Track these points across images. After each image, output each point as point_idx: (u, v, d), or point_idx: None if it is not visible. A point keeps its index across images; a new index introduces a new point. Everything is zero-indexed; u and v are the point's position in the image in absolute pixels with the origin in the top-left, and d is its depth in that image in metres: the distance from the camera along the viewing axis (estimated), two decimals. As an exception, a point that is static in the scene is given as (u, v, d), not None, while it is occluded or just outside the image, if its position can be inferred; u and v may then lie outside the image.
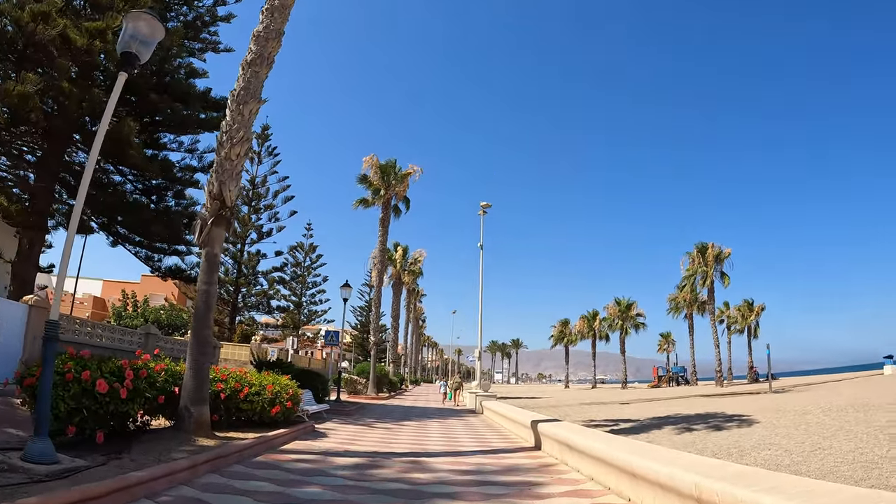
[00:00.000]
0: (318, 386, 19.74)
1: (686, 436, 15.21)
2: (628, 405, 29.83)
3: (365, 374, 35.77)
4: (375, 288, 37.77)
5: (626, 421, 20.12)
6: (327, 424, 16.01)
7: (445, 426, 17.49)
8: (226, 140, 11.43)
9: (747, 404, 25.47)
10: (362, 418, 18.91)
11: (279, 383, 12.66)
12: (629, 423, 19.45)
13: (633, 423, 18.94)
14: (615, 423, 19.10)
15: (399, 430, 15.40)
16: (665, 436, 15.41)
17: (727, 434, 15.02)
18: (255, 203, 50.13)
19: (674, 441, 14.06)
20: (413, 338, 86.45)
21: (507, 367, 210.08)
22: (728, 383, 58.26)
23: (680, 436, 15.32)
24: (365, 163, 39.58)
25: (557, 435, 10.47)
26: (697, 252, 62.00)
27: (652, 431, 16.42)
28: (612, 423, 19.15)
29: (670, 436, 15.42)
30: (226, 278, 46.51)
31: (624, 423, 19.49)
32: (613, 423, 19.13)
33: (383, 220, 38.27)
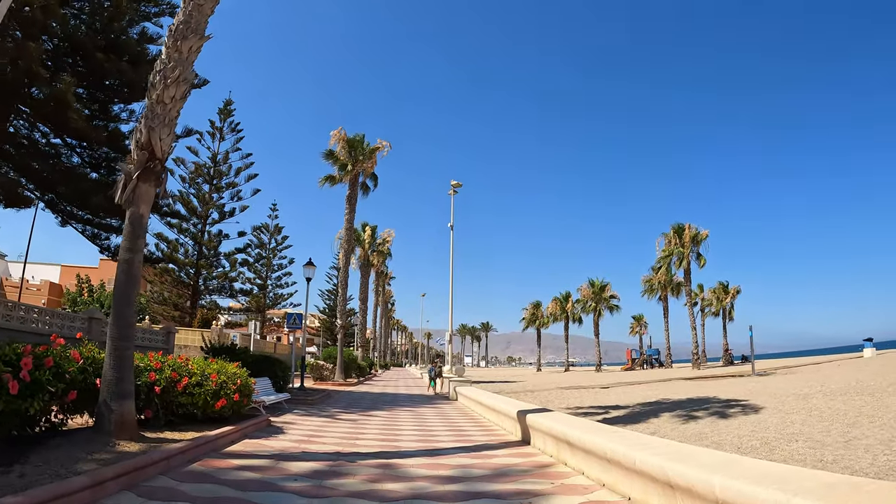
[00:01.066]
0: (277, 373, 17.95)
1: (692, 425, 13.68)
2: (609, 389, 28.46)
3: (332, 359, 33.94)
4: (342, 269, 35.84)
5: (615, 407, 18.57)
6: (287, 417, 14.25)
7: (418, 416, 15.81)
8: (159, 80, 9.48)
9: (736, 388, 24.24)
10: (327, 408, 17.16)
11: (225, 372, 10.82)
12: (619, 409, 17.90)
13: (625, 410, 17.37)
14: (605, 411, 17.53)
15: (367, 423, 13.66)
16: (667, 425, 13.90)
17: (737, 423, 13.54)
18: (217, 181, 47.85)
19: (683, 433, 12.48)
20: (382, 321, 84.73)
21: (476, 351, 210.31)
22: (704, 366, 57.32)
23: (685, 425, 13.81)
24: (332, 137, 37.53)
25: (553, 429, 8.86)
26: (674, 233, 60.70)
27: (650, 420, 14.89)
28: (602, 411, 17.58)
29: (674, 425, 13.92)
30: (186, 260, 44.30)
31: (614, 409, 17.94)
32: (603, 411, 17.56)
33: (350, 197, 36.32)
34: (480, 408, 16.15)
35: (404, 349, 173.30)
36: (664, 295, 69.13)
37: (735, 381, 29.09)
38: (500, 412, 13.05)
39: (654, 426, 13.70)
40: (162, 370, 9.94)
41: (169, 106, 9.49)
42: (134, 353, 9.10)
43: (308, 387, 25.84)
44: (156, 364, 10.03)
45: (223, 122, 49.57)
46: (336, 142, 37.43)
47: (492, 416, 14.25)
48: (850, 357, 52.51)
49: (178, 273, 44.99)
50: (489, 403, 14.50)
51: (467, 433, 12.22)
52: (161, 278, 45.09)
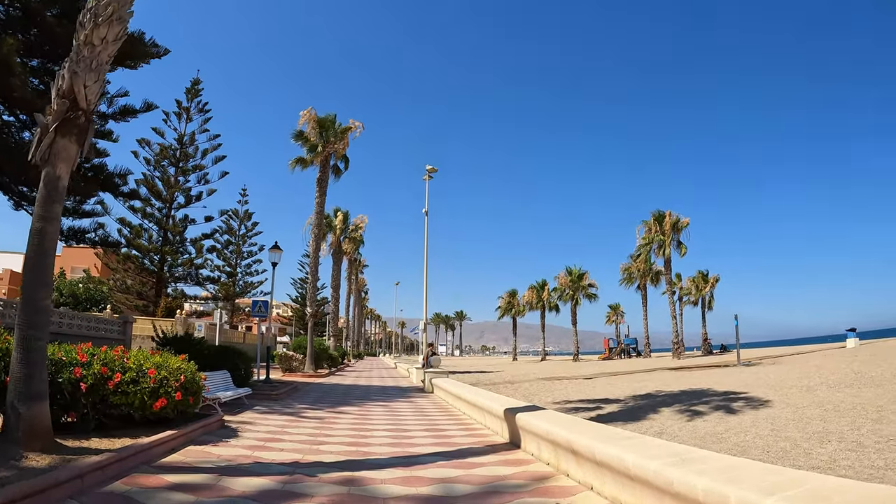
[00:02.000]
0: (239, 365, 16.42)
1: (700, 423, 12.40)
2: (593, 380, 27.28)
3: (302, 349, 32.38)
4: (312, 254, 34.17)
5: (606, 401, 17.24)
6: (246, 415, 12.80)
7: (392, 413, 14.41)
8: (88, 19, 7.84)
9: (727, 379, 23.26)
10: (292, 403, 15.69)
11: (168, 366, 9.31)
12: (612, 404, 16.58)
13: (619, 405, 16.03)
14: (597, 406, 16.18)
15: (335, 422, 12.22)
16: (672, 423, 12.60)
17: (748, 419, 12.33)
18: (183, 163, 45.87)
19: (693, 432, 11.12)
20: (355, 310, 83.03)
21: (450, 340, 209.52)
22: (683, 356, 56.52)
23: (692, 423, 12.54)
24: (302, 117, 35.74)
25: (552, 434, 7.53)
26: (654, 220, 59.45)
27: (650, 417, 13.59)
28: (593, 405, 16.25)
29: (679, 423, 12.64)
30: (149, 246, 42.29)
31: (606, 404, 16.61)
32: (594, 406, 16.23)
33: (321, 179, 34.63)
34: (460, 403, 14.81)
35: (378, 338, 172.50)
36: (643, 283, 68.31)
37: (723, 372, 28.10)
38: (483, 409, 11.69)
39: (658, 424, 12.41)
40: (90, 364, 8.44)
41: (98, 49, 7.89)
42: (48, 344, 7.55)
43: (276, 379, 24.37)
44: (82, 357, 8.51)
45: (190, 102, 47.57)
46: (306, 122, 35.69)
47: (474, 413, 12.92)
48: (833, 347, 52.26)
49: (141, 260, 43.01)
50: (471, 399, 13.11)
51: (447, 434, 10.86)
52: (124, 265, 42.98)
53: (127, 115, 27.83)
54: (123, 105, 27.70)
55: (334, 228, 54.85)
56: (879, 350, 35.12)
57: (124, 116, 27.86)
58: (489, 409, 11.10)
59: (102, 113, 27.56)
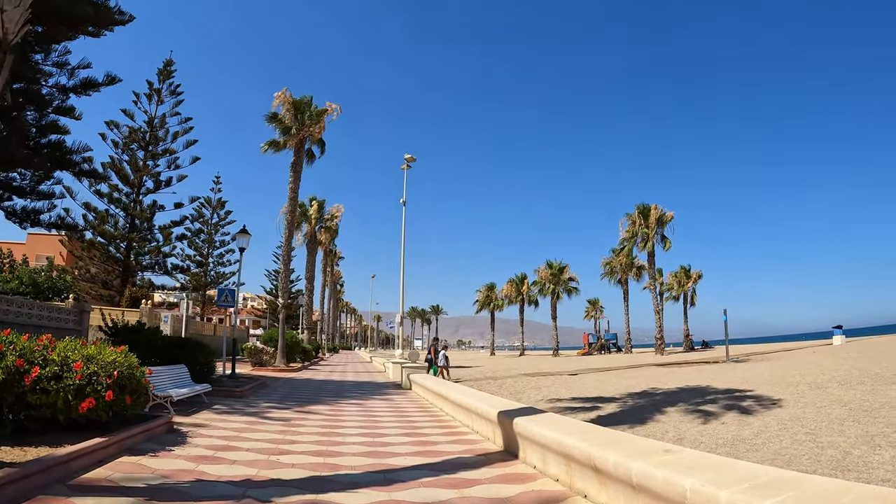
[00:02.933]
0: (199, 359, 14.93)
1: (718, 427, 10.96)
2: (580, 376, 26.03)
3: (273, 342, 30.77)
4: (285, 242, 32.55)
5: (600, 400, 15.83)
6: (202, 415, 11.34)
7: (367, 413, 13.00)
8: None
9: (723, 375, 22.18)
10: (256, 402, 14.21)
11: (99, 360, 7.82)
12: (608, 403, 15.17)
13: (617, 405, 14.57)
14: (592, 405, 14.75)
15: (302, 424, 10.78)
16: (687, 426, 11.19)
17: (771, 421, 10.97)
18: (153, 147, 43.87)
19: (715, 438, 9.63)
20: (331, 303, 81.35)
21: (426, 334, 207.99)
22: (666, 351, 55.53)
23: (708, 426, 11.17)
24: (276, 99, 34.11)
25: (564, 445, 6.22)
26: (639, 213, 58.10)
27: (657, 418, 12.19)
28: (588, 405, 14.86)
29: (694, 426, 11.27)
30: (115, 232, 40.33)
31: (602, 403, 15.17)
32: (590, 405, 14.82)
33: (294, 164, 33.02)
34: (443, 402, 13.44)
35: (354, 332, 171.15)
36: (624, 278, 67.38)
37: (714, 368, 27.07)
38: (472, 411, 10.32)
39: (672, 428, 11.08)
40: (3, 355, 6.94)
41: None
42: None
43: (244, 374, 22.92)
44: (-7, 346, 7.01)
45: (162, 84, 45.55)
46: (280, 104, 34.06)
47: (459, 415, 11.55)
48: (819, 344, 51.89)
49: (107, 247, 40.99)
50: (457, 399, 11.70)
51: (430, 440, 9.49)
52: (89, 253, 40.83)
53: (89, 88, 26.18)
54: (85, 78, 26.06)
55: (309, 217, 53.18)
56: (867, 347, 34.42)
57: (86, 90, 26.20)
58: (479, 411, 9.72)
59: (63, 86, 25.90)
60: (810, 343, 59.75)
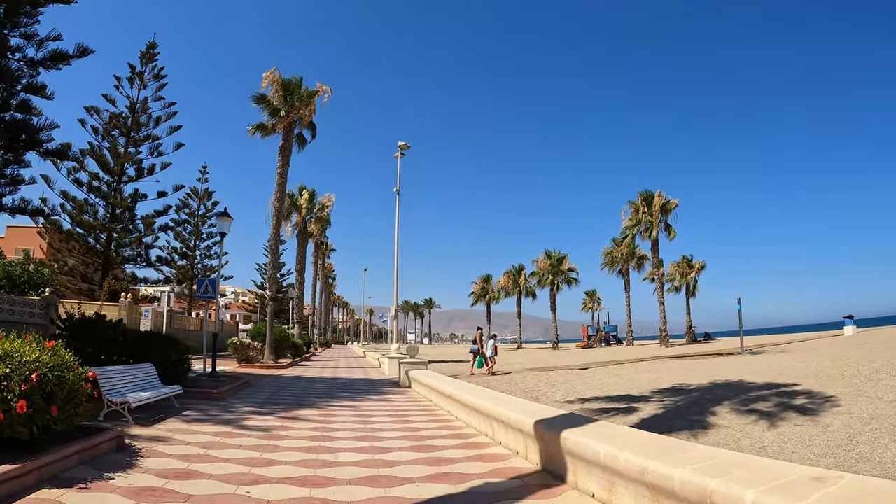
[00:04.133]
0: (171, 356, 13.04)
1: (791, 430, 8.72)
2: (592, 371, 24.08)
3: (261, 336, 28.81)
4: (273, 230, 30.52)
5: (629, 399, 13.58)
6: (166, 425, 9.47)
7: (363, 418, 11.10)
8: None
9: (746, 367, 20.47)
10: (235, 406, 12.30)
11: (15, 358, 5.89)
12: (639, 401, 12.94)
13: (655, 405, 12.23)
14: (627, 405, 12.41)
15: (284, 437, 8.86)
16: (752, 430, 9.13)
17: (853, 419, 9.05)
18: (135, 133, 41.76)
19: (806, 446, 7.51)
20: (322, 297, 79.39)
21: (419, 328, 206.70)
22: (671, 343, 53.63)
23: (778, 429, 9.03)
24: (265, 79, 32.06)
25: (652, 472, 4.39)
26: (642, 201, 55.72)
27: (713, 422, 9.79)
28: (621, 404, 12.60)
29: (758, 428, 9.15)
30: (94, 222, 38.24)
31: (632, 402, 12.88)
32: (623, 405, 12.55)
33: (283, 148, 31.01)
34: (450, 404, 11.56)
35: (346, 326, 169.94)
36: (625, 268, 65.61)
37: (735, 361, 25.28)
38: (496, 419, 8.39)
39: (741, 434, 8.91)
40: None
41: None
42: None
43: (228, 371, 21.12)
44: None
45: (144, 67, 43.41)
46: (269, 84, 32.05)
47: (473, 420, 9.68)
48: (830, 335, 50.71)
49: (86, 238, 38.90)
50: (475, 404, 9.62)
51: (444, 455, 7.61)
52: (67, 245, 38.75)
53: (59, 61, 24.28)
54: (55, 49, 24.14)
55: (299, 207, 51.11)
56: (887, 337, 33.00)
57: (56, 63, 24.30)
58: (507, 419, 7.80)
59: (31, 59, 24.03)
60: (820, 334, 58.40)
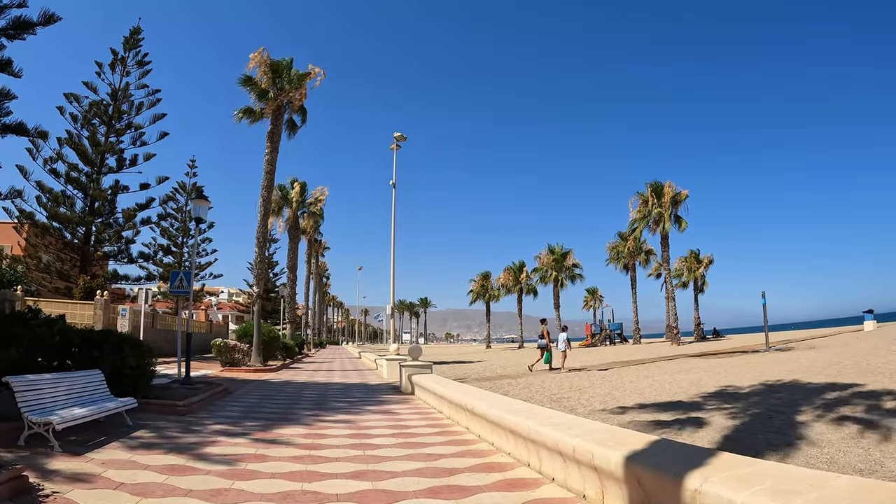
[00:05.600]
0: (126, 361, 10.64)
1: None
2: (613, 372, 21.78)
3: (248, 337, 26.42)
4: (260, 221, 27.99)
5: (680, 407, 10.99)
6: (101, 454, 7.19)
7: (360, 439, 8.72)
8: None
9: (788, 366, 18.61)
10: (203, 422, 9.96)
11: None
12: (693, 409, 10.43)
13: (721, 413, 9.63)
14: (684, 415, 9.70)
15: (254, 472, 6.43)
16: (853, 447, 6.88)
17: None
18: (117, 122, 39.31)
19: None
20: (316, 296, 77.06)
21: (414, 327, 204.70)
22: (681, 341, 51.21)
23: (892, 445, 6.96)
24: (252, 60, 29.71)
25: None
26: (651, 192, 53.00)
27: (811, 439, 7.62)
28: (673, 415, 9.93)
29: (858, 444, 6.91)
30: (71, 215, 35.81)
31: (684, 410, 10.32)
32: (679, 415, 9.87)
33: (272, 133, 28.64)
34: (472, 420, 9.24)
35: (341, 326, 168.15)
36: (632, 263, 63.39)
37: (765, 358, 23.40)
38: (552, 449, 6.05)
39: (849, 454, 6.69)
40: None
41: None
42: None
43: (209, 376, 18.98)
44: None
45: (128, 52, 40.95)
46: (256, 66, 29.73)
47: (508, 445, 7.39)
48: (850, 330, 49.24)
49: (63, 232, 36.41)
50: (514, 425, 6.93)
51: (479, 498, 5.32)
52: (43, 240, 36.17)
53: (22, 29, 21.83)
54: (18, 17, 21.74)
55: (291, 201, 48.70)
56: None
57: (19, 32, 21.85)
58: (567, 449, 5.45)
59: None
60: (838, 329, 56.81)
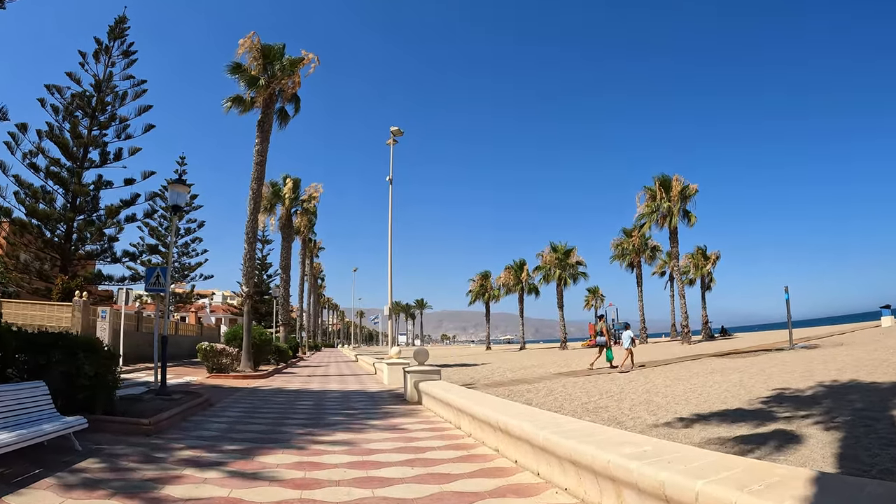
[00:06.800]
0: (82, 370, 8.76)
1: None
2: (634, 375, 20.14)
3: (238, 340, 24.55)
4: (249, 216, 26.10)
5: (744, 416, 8.79)
6: (24, 498, 5.32)
7: (366, 469, 6.77)
8: None
9: (833, 364, 17.42)
10: (170, 445, 8.10)
11: None
12: (762, 420, 8.57)
13: (802, 424, 8.15)
14: (757, 429, 7.64)
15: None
16: None
17: None
18: (100, 113, 37.44)
19: None
20: (311, 298, 75.16)
21: (410, 329, 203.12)
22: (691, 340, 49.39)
23: None
24: (241, 46, 27.79)
25: None
26: (659, 186, 51.04)
27: None
28: (747, 427, 7.89)
29: None
30: (51, 211, 33.89)
31: (752, 421, 8.28)
32: (752, 427, 7.82)
33: (262, 122, 26.81)
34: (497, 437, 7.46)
35: (336, 328, 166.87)
36: (637, 261, 61.67)
37: (798, 357, 22.17)
38: (649, 492, 4.22)
39: None
40: None
41: None
42: None
43: (193, 383, 17.24)
44: None
45: (113, 42, 39.11)
46: (246, 52, 27.83)
47: (567, 478, 5.58)
48: (867, 326, 48.70)
49: (42, 230, 34.48)
50: (588, 459, 5.40)
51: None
52: (21, 238, 34.22)
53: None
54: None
55: (283, 198, 46.79)
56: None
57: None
58: (696, 501, 3.65)
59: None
60: (857, 325, 55.64)
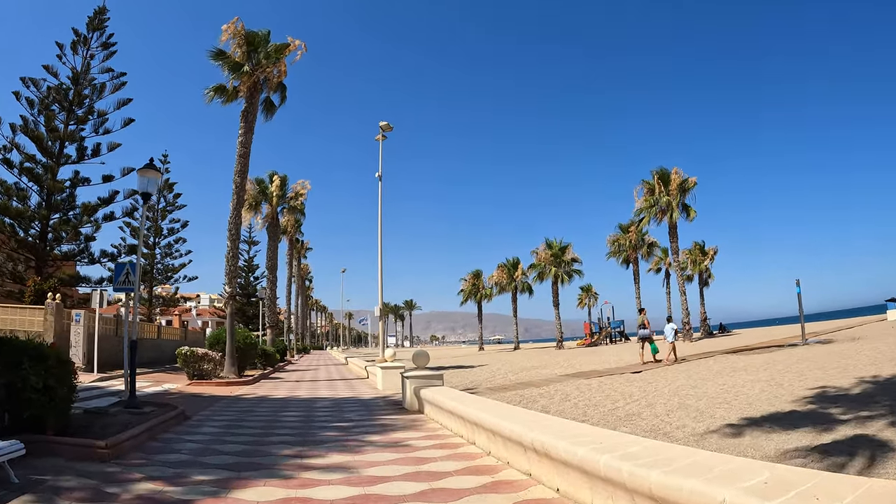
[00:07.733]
0: (29, 382, 7.24)
1: None
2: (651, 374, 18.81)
3: (221, 344, 23.01)
4: (232, 211, 24.57)
5: (799, 420, 7.33)
6: None
7: (366, 498, 5.45)
8: None
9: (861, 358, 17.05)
10: (129, 475, 6.57)
11: None
12: (822, 423, 7.13)
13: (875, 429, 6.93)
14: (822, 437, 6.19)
15: None
16: None
17: None
18: (77, 107, 35.72)
19: None
20: (298, 300, 73.68)
21: (399, 330, 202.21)
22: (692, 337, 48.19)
23: None
24: (225, 32, 26.39)
25: None
26: (657, 179, 49.76)
27: None
28: (811, 434, 6.35)
29: None
30: (24, 209, 32.18)
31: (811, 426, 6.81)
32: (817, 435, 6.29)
33: (246, 112, 25.36)
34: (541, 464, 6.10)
35: (324, 330, 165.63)
36: (633, 257, 60.50)
37: (818, 352, 21.37)
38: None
39: None
40: None
41: None
42: None
43: (171, 391, 15.80)
44: None
45: (91, 33, 37.44)
46: (230, 38, 26.42)
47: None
48: (873, 320, 48.26)
49: (16, 229, 32.74)
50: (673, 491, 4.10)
51: None
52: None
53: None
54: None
55: (270, 196, 45.32)
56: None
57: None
58: None
59: None
60: (863, 319, 55.66)
